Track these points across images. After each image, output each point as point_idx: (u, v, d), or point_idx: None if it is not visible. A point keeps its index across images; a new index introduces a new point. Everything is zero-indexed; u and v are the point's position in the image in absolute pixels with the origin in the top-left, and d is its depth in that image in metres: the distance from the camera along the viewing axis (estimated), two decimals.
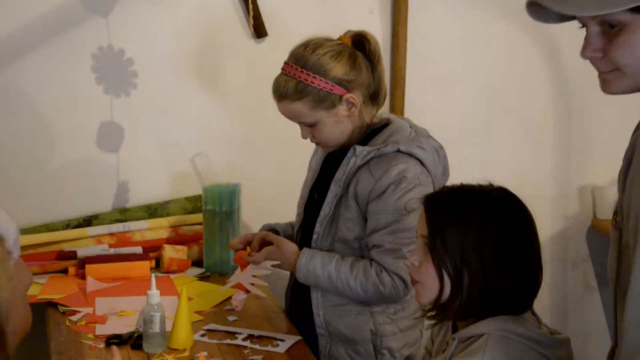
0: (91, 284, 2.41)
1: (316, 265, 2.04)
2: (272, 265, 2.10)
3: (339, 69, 2.01)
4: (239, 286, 2.14)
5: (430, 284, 1.49)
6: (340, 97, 2.02)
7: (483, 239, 1.46)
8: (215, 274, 2.58)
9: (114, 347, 1.35)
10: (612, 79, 1.30)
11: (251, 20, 2.74)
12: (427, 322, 1.59)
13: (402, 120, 2.18)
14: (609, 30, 1.26)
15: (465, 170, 2.17)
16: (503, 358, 1.43)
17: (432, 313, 1.54)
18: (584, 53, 1.30)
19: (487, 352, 1.43)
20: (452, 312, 1.51)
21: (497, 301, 1.47)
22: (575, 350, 1.57)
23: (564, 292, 3.27)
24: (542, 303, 3.20)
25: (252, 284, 2.12)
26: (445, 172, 2.14)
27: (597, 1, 1.21)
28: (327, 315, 2.11)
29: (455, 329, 1.57)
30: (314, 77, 2.00)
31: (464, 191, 1.54)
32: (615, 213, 1.29)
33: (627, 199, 1.21)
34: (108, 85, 2.69)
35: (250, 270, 2.11)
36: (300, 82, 2.00)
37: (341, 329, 2.10)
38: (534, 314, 1.56)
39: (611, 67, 1.29)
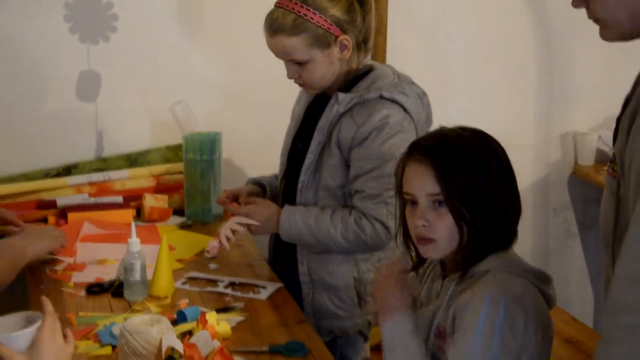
0: (87, 228, 2.41)
1: (297, 219, 2.03)
2: (255, 230, 2.09)
3: (337, 9, 1.98)
4: (217, 234, 2.14)
5: (449, 237, 1.50)
6: (336, 37, 1.99)
7: (491, 178, 1.49)
8: (196, 222, 2.58)
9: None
10: (600, 28, 1.31)
11: None
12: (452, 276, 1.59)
13: (385, 66, 2.16)
14: None
15: (446, 117, 2.16)
16: (511, 290, 1.46)
17: (452, 265, 1.55)
18: (572, 1, 1.31)
19: (497, 285, 1.46)
20: (471, 257, 1.52)
21: (505, 237, 1.52)
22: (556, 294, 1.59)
23: (545, 238, 3.29)
24: (524, 249, 3.22)
25: (225, 236, 2.09)
26: (429, 120, 2.12)
27: None
28: (311, 263, 2.12)
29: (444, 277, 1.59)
30: (313, 13, 1.96)
31: (457, 137, 1.54)
32: (611, 161, 1.28)
33: (630, 153, 1.19)
34: (84, 34, 2.65)
35: (232, 223, 2.10)
36: (299, 17, 1.96)
37: (325, 276, 2.10)
38: None
39: (594, 18, 1.30)
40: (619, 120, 1.28)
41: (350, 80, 2.09)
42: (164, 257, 2.01)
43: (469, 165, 1.49)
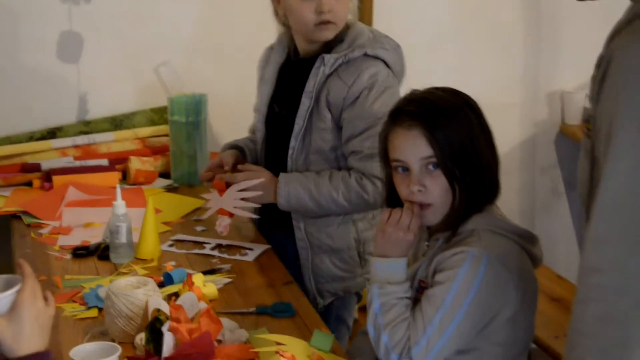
0: (72, 193, 2.39)
1: (296, 186, 2.00)
2: (253, 200, 2.04)
3: None
4: (221, 211, 2.08)
5: (444, 199, 1.52)
6: None
7: (474, 133, 1.52)
8: (183, 185, 2.56)
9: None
10: None
11: None
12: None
13: (357, 22, 2.13)
14: None
15: (434, 75, 2.15)
16: (494, 249, 1.48)
17: (438, 226, 1.56)
18: None
19: (482, 243, 1.48)
20: (459, 217, 1.53)
21: (489, 189, 1.54)
22: (543, 254, 1.60)
23: (532, 198, 3.29)
24: (511, 208, 3.23)
25: (236, 207, 2.05)
26: (403, 70, 2.11)
27: None
28: (309, 228, 2.08)
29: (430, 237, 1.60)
30: None
31: (440, 99, 1.54)
32: (587, 121, 1.28)
33: (600, 115, 1.19)
34: None
35: (232, 194, 2.05)
36: None
37: (325, 240, 2.07)
38: None
39: None
40: (593, 79, 1.27)
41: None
42: (149, 220, 2.00)
43: (455, 124, 1.51)
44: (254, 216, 2.12)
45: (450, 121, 1.51)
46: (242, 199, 2.04)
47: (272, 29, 2.10)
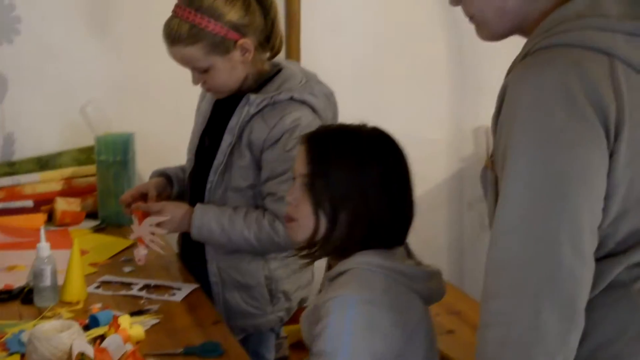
0: None
1: (210, 219, 2.02)
2: (167, 229, 2.06)
3: (233, 13, 1.96)
4: (140, 240, 2.09)
5: (306, 222, 1.52)
6: (235, 42, 1.98)
7: (366, 176, 1.50)
8: (111, 225, 2.54)
9: None
10: (475, 28, 1.37)
11: None
12: (301, 262, 1.61)
13: (293, 65, 2.17)
14: None
15: (359, 113, 2.18)
16: (366, 290, 1.46)
17: (305, 252, 1.56)
18: (449, 1, 1.36)
19: (350, 285, 1.46)
20: (325, 251, 1.53)
21: (376, 237, 1.51)
22: (471, 287, 1.62)
23: (460, 232, 3.35)
24: (439, 243, 3.29)
25: (152, 241, 2.07)
26: (335, 118, 2.14)
27: None
28: (221, 263, 2.11)
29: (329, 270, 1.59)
30: (208, 20, 1.94)
31: (344, 130, 1.57)
32: (491, 155, 1.32)
33: (497, 146, 1.25)
34: None
35: (148, 227, 2.06)
36: (194, 25, 1.94)
37: (236, 276, 2.10)
38: (408, 250, 1.60)
39: (468, 16, 1.36)
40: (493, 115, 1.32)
41: (261, 81, 2.08)
42: (75, 261, 1.97)
43: (343, 158, 1.50)
44: (162, 252, 2.11)
45: (336, 150, 1.51)
46: (158, 225, 2.05)
47: None
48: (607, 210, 1.20)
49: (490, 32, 1.36)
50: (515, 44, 1.52)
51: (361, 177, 1.49)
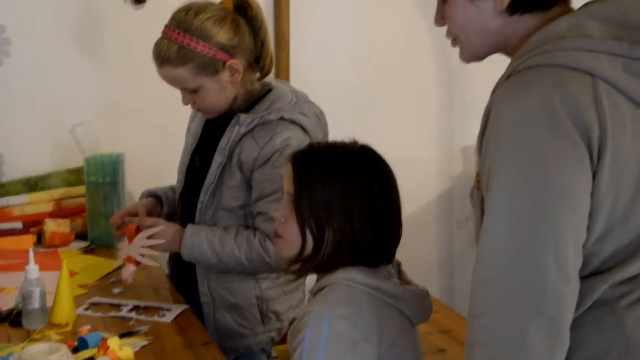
0: None
1: (201, 239, 2.02)
2: (158, 248, 2.06)
3: (222, 34, 1.97)
4: (128, 259, 2.09)
5: (293, 239, 1.53)
6: (224, 62, 1.98)
7: (351, 195, 1.50)
8: (100, 246, 2.53)
9: None
10: (458, 48, 1.39)
11: None
12: (288, 277, 1.61)
13: (283, 85, 2.18)
14: (442, 3, 1.37)
15: (349, 133, 2.19)
16: (343, 305, 1.46)
17: (293, 268, 1.57)
18: (434, 20, 1.39)
19: (328, 299, 1.47)
20: (312, 267, 1.54)
21: (361, 256, 1.52)
22: (461, 305, 1.62)
23: (450, 250, 3.35)
24: (430, 261, 3.30)
25: (142, 255, 2.07)
26: (325, 137, 2.15)
27: None
28: (212, 283, 2.11)
29: None
30: (197, 42, 1.95)
31: (331, 149, 1.57)
32: (477, 174, 1.33)
33: (482, 165, 1.26)
34: None
35: (139, 242, 2.07)
36: (183, 46, 1.96)
37: (227, 296, 2.10)
38: (398, 268, 1.61)
39: (451, 37, 1.39)
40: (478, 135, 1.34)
41: (251, 101, 2.09)
42: (64, 283, 1.96)
43: (329, 176, 1.51)
44: (155, 264, 2.12)
45: (322, 170, 1.52)
46: (149, 247, 2.05)
47: None
48: (591, 229, 1.20)
49: (473, 52, 1.37)
50: (502, 63, 1.54)
51: (346, 196, 1.50)
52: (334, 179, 1.51)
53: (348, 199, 1.50)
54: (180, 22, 1.97)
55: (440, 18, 1.39)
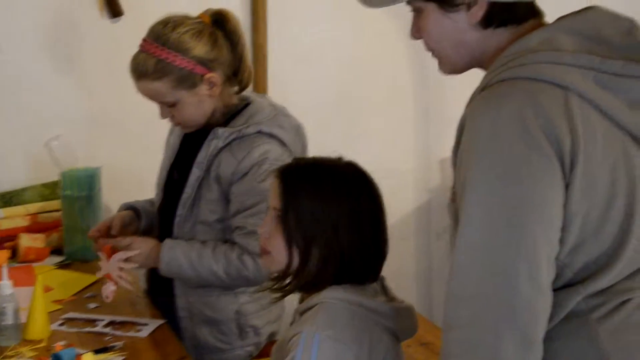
0: None
1: (178, 253, 2.01)
2: (135, 262, 2.05)
3: (200, 47, 1.97)
4: (108, 276, 2.07)
5: (280, 255, 1.52)
6: (202, 76, 1.98)
7: (338, 211, 1.49)
8: (76, 261, 2.51)
9: None
10: (438, 62, 1.40)
11: None
12: (274, 296, 1.60)
13: (262, 98, 2.17)
14: (417, 16, 1.38)
15: (328, 145, 2.19)
16: (332, 325, 1.45)
17: (277, 286, 1.55)
18: (410, 34, 1.40)
19: (317, 319, 1.46)
20: (298, 285, 1.53)
21: (347, 273, 1.51)
22: (440, 317, 1.61)
23: (428, 262, 3.35)
24: (408, 273, 3.30)
25: (120, 277, 2.05)
26: (304, 150, 2.15)
27: None
28: (190, 297, 2.09)
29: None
30: (175, 55, 1.95)
31: (318, 164, 1.57)
32: (453, 187, 1.34)
33: (457, 177, 1.26)
34: None
35: (116, 262, 2.04)
36: (161, 60, 1.95)
37: (204, 310, 2.08)
38: (383, 284, 1.59)
39: (428, 50, 1.39)
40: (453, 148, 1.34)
41: (229, 115, 2.08)
42: (38, 299, 1.94)
43: (316, 192, 1.50)
44: (131, 288, 2.10)
45: (308, 185, 1.51)
46: (126, 260, 2.03)
47: None
48: (564, 241, 1.21)
49: (451, 66, 1.38)
50: (480, 76, 1.55)
51: (334, 212, 1.49)
52: (322, 194, 1.50)
53: (335, 215, 1.49)
54: (157, 36, 1.96)
55: (416, 31, 1.39)
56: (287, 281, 1.53)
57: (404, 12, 1.44)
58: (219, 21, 2.04)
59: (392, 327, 1.52)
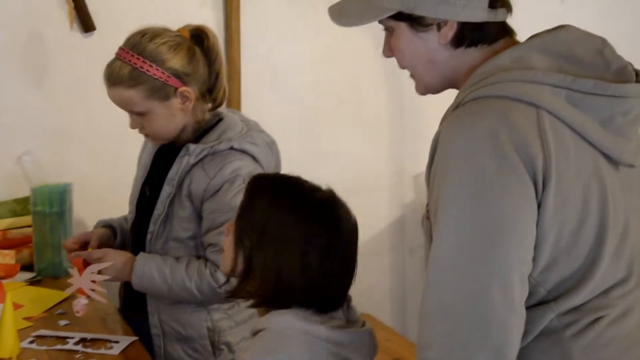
0: None
1: (152, 268, 2.00)
2: (108, 275, 2.02)
3: (176, 60, 1.96)
4: (80, 291, 2.05)
5: (228, 254, 1.53)
6: (176, 89, 1.97)
7: (288, 228, 1.46)
8: (47, 277, 2.48)
9: None
10: (414, 81, 1.41)
11: (70, 13, 2.65)
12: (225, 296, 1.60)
13: (234, 114, 2.17)
14: (389, 35, 1.39)
15: (302, 161, 2.19)
16: (277, 354, 1.41)
17: (230, 287, 1.56)
18: (382, 52, 1.41)
19: (262, 348, 1.43)
20: (242, 293, 1.52)
21: (290, 297, 1.47)
22: (414, 333, 1.60)
23: (402, 278, 3.36)
24: (382, 289, 3.30)
25: (93, 290, 2.03)
26: (278, 166, 2.14)
27: (357, 14, 1.36)
28: (162, 315, 2.08)
29: None
30: (150, 65, 1.94)
31: (292, 181, 1.56)
32: (427, 204, 1.34)
33: (431, 195, 1.26)
34: None
35: (89, 275, 2.03)
36: (136, 68, 1.94)
37: (177, 327, 2.07)
38: (348, 305, 1.54)
39: (401, 67, 1.41)
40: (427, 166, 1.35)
41: (201, 131, 2.08)
42: (7, 316, 1.91)
43: (274, 202, 1.48)
44: (104, 300, 2.07)
45: (271, 200, 1.49)
46: (99, 272, 2.01)
47: None
48: (537, 259, 1.21)
49: (424, 85, 1.39)
50: (454, 93, 1.56)
51: (284, 227, 1.46)
52: (278, 206, 1.48)
53: (284, 230, 1.45)
54: (134, 45, 1.96)
55: (388, 50, 1.40)
56: (237, 285, 1.52)
57: (378, 30, 1.44)
58: (198, 37, 2.03)
59: (348, 355, 1.46)
